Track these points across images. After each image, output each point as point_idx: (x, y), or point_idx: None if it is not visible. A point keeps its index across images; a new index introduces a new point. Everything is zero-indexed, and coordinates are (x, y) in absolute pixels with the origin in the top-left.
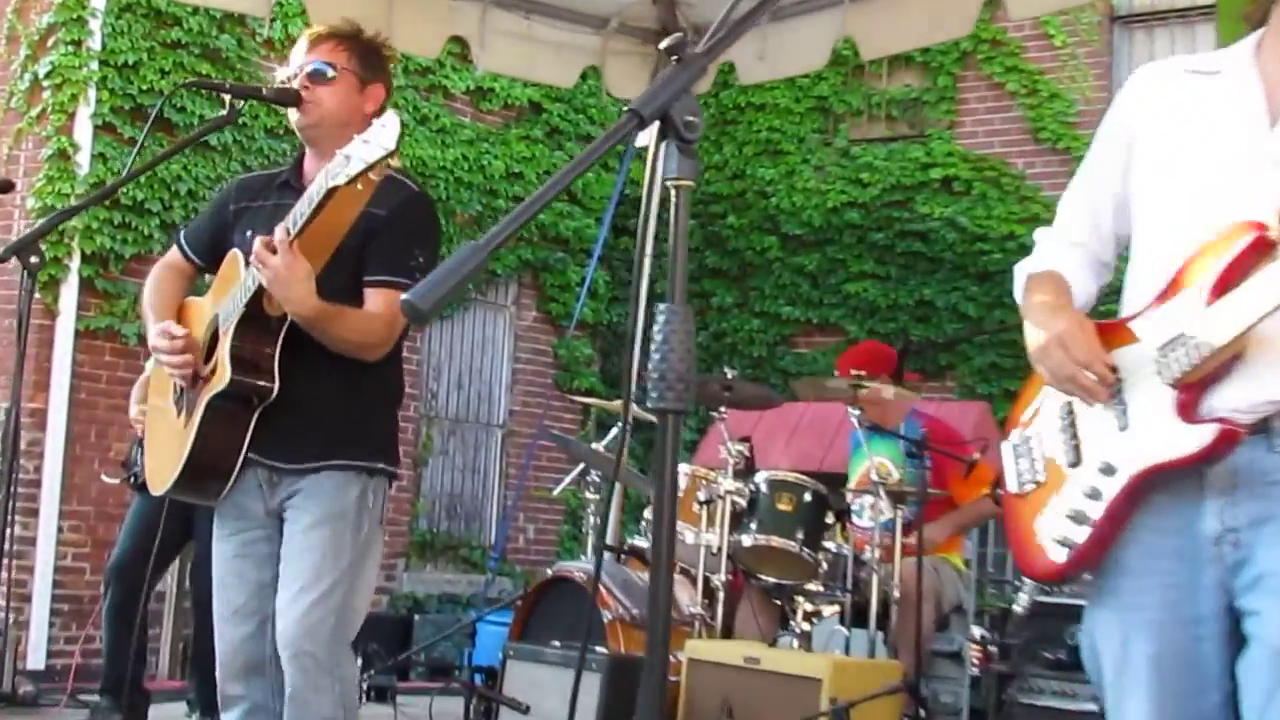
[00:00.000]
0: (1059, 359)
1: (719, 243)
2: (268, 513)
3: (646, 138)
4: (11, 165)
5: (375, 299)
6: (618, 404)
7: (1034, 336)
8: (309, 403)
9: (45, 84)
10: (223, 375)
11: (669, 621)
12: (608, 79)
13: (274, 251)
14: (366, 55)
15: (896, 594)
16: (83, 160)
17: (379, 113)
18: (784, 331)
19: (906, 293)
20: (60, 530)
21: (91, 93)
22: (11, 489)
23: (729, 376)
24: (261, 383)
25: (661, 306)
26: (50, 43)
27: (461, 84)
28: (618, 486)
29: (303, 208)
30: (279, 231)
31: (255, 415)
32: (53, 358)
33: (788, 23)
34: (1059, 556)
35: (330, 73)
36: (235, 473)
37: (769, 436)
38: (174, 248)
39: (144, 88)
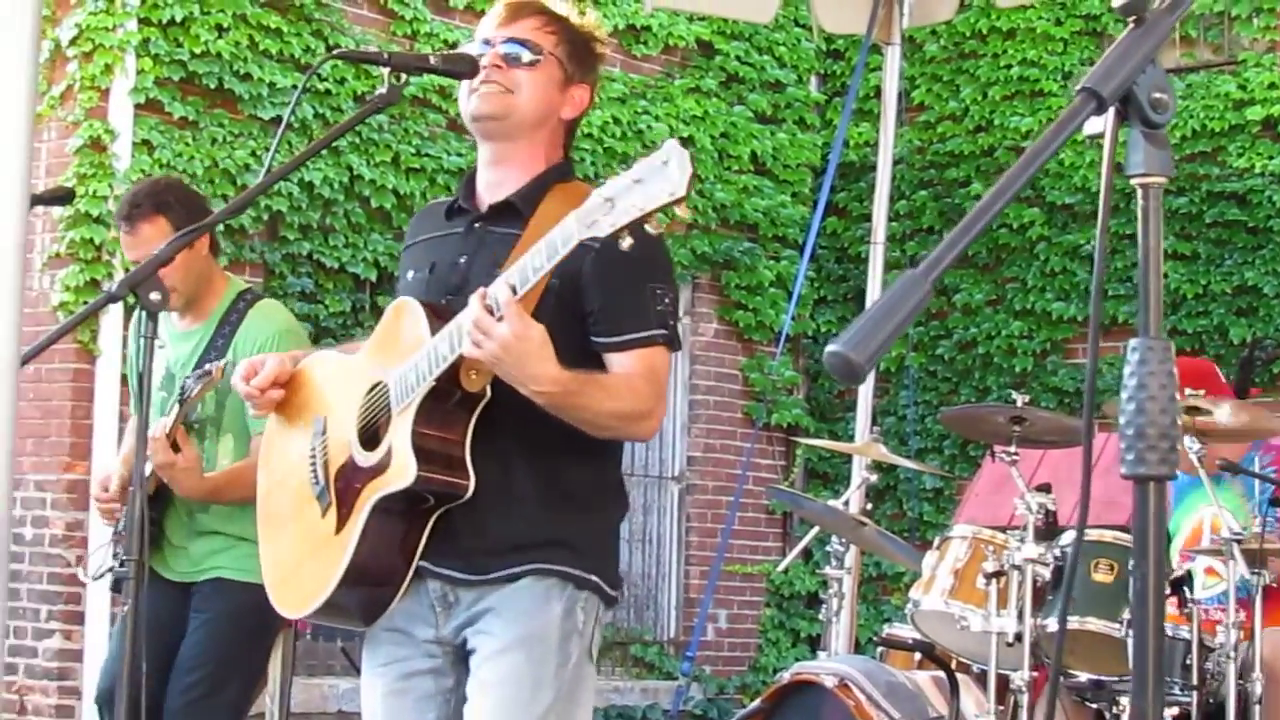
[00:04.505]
0: None
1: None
2: (439, 639)
3: (1100, 124)
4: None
5: (625, 361)
6: (848, 445)
7: None
8: (500, 499)
9: (70, 53)
10: (404, 471)
11: None
12: (817, 8)
13: (493, 313)
14: (578, 46)
15: (1259, 686)
16: (121, 150)
17: (572, 127)
18: (1055, 335)
19: (1221, 277)
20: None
21: (130, 61)
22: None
23: (1018, 404)
24: (455, 479)
25: (1133, 342)
26: None
27: (607, 22)
28: (851, 559)
29: (538, 260)
30: (500, 288)
31: (434, 516)
32: (93, 414)
33: None
34: None
35: (531, 56)
36: (402, 590)
37: (1056, 483)
38: None
39: (196, 51)
